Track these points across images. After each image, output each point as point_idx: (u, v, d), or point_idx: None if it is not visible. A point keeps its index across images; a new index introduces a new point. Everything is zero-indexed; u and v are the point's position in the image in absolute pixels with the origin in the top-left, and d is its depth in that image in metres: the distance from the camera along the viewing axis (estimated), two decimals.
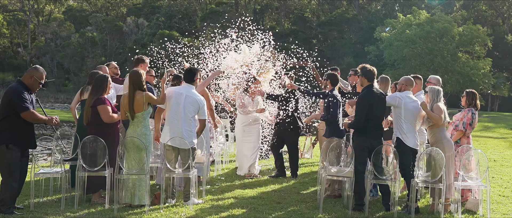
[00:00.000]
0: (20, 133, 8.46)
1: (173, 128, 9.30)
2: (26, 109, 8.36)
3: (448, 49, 50.49)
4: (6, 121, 8.40)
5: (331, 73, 11.16)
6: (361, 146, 9.48)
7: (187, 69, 9.84)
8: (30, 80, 8.62)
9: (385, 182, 9.43)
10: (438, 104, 9.56)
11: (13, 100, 8.36)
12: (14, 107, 8.36)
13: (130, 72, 9.26)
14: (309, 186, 11.67)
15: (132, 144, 9.05)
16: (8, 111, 8.40)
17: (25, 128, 8.51)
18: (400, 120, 9.54)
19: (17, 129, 8.44)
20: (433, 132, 9.61)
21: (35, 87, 8.69)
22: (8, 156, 8.38)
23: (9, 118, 8.40)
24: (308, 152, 16.44)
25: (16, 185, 8.47)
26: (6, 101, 8.44)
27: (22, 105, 8.34)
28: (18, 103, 8.34)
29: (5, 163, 8.39)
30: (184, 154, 9.33)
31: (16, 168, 8.46)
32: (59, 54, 69.33)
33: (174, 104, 9.33)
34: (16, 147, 8.42)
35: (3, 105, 8.47)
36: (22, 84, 8.57)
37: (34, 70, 8.73)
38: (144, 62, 11.20)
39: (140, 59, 11.20)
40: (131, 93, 9.06)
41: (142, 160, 9.04)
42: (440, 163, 9.09)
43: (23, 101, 8.36)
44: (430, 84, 10.72)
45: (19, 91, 8.41)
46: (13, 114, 8.39)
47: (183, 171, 9.40)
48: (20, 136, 8.46)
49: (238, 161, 12.91)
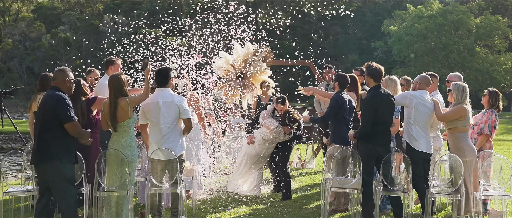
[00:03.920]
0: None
1: (158, 140, 9.26)
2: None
3: (465, 43, 50.69)
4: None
5: (340, 74, 10.89)
6: (367, 154, 9.41)
7: (157, 71, 9.64)
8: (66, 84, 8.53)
9: (396, 193, 9.39)
10: (463, 106, 9.51)
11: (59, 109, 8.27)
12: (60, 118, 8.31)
13: (110, 77, 9.20)
14: (312, 200, 11.67)
15: (115, 157, 8.99)
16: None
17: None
18: (409, 122, 9.53)
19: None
20: (452, 137, 9.58)
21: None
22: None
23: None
24: (310, 162, 16.43)
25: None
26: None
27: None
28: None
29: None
30: (171, 166, 9.33)
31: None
32: (29, 57, 69.17)
33: (154, 116, 9.24)
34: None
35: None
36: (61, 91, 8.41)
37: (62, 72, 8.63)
38: (114, 64, 10.96)
39: (109, 61, 10.95)
40: (113, 100, 8.99)
41: (125, 175, 9.02)
42: (458, 171, 9.05)
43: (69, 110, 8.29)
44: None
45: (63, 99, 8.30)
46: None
47: (170, 186, 9.38)
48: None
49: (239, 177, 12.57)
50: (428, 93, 9.80)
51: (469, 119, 9.54)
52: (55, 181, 8.15)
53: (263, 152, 11.90)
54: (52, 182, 8.15)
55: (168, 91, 9.37)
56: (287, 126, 11.57)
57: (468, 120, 9.54)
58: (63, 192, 8.19)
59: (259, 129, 11.95)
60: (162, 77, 9.42)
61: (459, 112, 9.47)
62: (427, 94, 9.73)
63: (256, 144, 11.85)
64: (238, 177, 12.25)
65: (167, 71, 9.54)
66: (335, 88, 10.76)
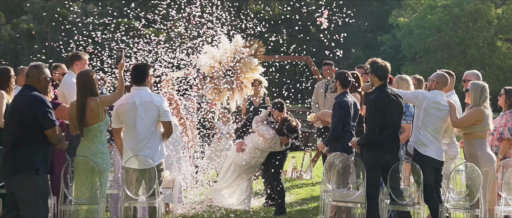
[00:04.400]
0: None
1: (134, 147, 9.18)
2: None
3: (484, 37, 50.76)
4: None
5: (341, 72, 10.80)
6: (373, 162, 9.36)
7: (134, 66, 9.54)
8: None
9: (406, 208, 9.38)
10: (480, 108, 9.50)
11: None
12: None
13: (78, 74, 9.13)
14: (309, 215, 11.69)
15: (84, 165, 8.90)
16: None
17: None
18: (417, 125, 9.53)
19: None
20: (468, 144, 9.57)
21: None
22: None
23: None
24: (307, 171, 16.43)
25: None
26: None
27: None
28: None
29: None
30: (148, 175, 9.27)
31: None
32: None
33: (129, 119, 9.15)
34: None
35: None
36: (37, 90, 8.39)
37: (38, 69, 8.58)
38: (80, 59, 10.88)
39: (75, 56, 10.86)
40: (81, 100, 8.86)
41: (95, 185, 8.97)
42: (477, 183, 9.04)
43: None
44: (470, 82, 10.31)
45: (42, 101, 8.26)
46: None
47: (147, 198, 9.35)
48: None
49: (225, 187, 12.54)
50: (444, 95, 9.78)
51: (487, 123, 9.52)
52: (26, 195, 8.11)
53: (254, 161, 11.83)
54: (23, 196, 8.11)
55: (146, 90, 9.27)
56: (285, 136, 11.47)
57: (486, 124, 9.51)
58: (33, 207, 8.15)
59: (251, 135, 11.84)
60: (139, 73, 9.32)
61: (476, 116, 9.46)
62: (443, 95, 9.71)
63: (246, 151, 11.75)
64: (223, 187, 12.17)
65: (146, 66, 9.45)
66: (336, 88, 10.71)
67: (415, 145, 9.52)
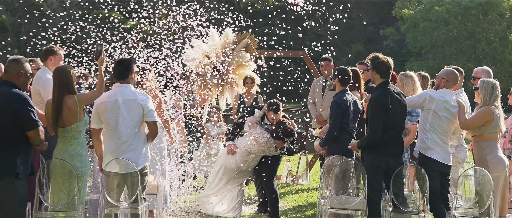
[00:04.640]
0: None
1: (115, 149, 9.15)
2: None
3: (496, 31, 50.85)
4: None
5: (340, 68, 10.81)
6: (374, 166, 9.34)
7: (118, 60, 9.52)
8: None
9: (410, 216, 9.38)
10: (490, 108, 9.50)
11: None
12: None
13: (55, 70, 9.11)
14: None
15: (61, 169, 8.87)
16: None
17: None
18: (424, 127, 9.53)
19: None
20: (477, 146, 9.59)
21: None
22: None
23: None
24: (303, 176, 16.44)
25: None
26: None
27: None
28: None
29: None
30: (130, 180, 9.25)
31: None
32: None
33: (110, 118, 9.08)
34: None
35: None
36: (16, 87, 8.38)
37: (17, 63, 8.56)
38: (55, 54, 10.84)
39: (49, 51, 10.81)
40: (58, 98, 8.82)
41: (73, 191, 8.96)
42: (487, 189, 9.06)
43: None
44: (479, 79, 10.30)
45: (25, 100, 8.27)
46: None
47: (130, 205, 9.35)
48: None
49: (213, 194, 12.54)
50: (453, 94, 9.76)
51: (498, 124, 9.51)
52: (3, 203, 8.10)
53: (245, 166, 11.81)
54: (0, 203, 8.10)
55: (129, 87, 9.21)
56: (281, 140, 11.43)
57: (496, 125, 9.51)
58: (10, 215, 8.14)
59: (243, 138, 11.80)
60: (123, 67, 9.26)
61: (485, 116, 9.45)
62: (452, 94, 9.68)
63: (237, 155, 11.71)
64: (212, 193, 12.16)
65: (130, 61, 9.40)
66: (334, 85, 10.72)
67: (420, 149, 9.51)
